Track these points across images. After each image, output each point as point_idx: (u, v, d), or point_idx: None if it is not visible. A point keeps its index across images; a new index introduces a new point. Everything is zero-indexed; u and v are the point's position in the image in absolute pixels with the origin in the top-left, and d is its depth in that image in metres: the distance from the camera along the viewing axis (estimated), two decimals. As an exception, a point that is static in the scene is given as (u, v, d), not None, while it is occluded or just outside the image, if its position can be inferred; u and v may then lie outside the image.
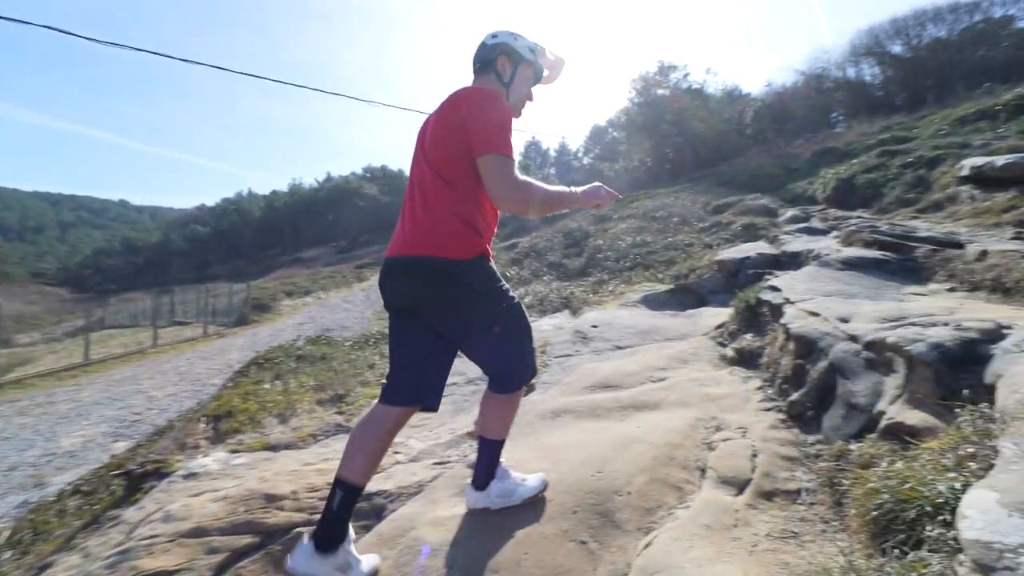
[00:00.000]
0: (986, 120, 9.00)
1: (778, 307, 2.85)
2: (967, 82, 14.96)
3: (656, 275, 5.99)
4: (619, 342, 3.45)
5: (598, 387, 2.64)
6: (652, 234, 8.41)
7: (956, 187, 5.64)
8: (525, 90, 1.53)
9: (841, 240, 4.40)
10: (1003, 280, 2.47)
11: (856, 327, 2.11)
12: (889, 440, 1.47)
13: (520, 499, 1.55)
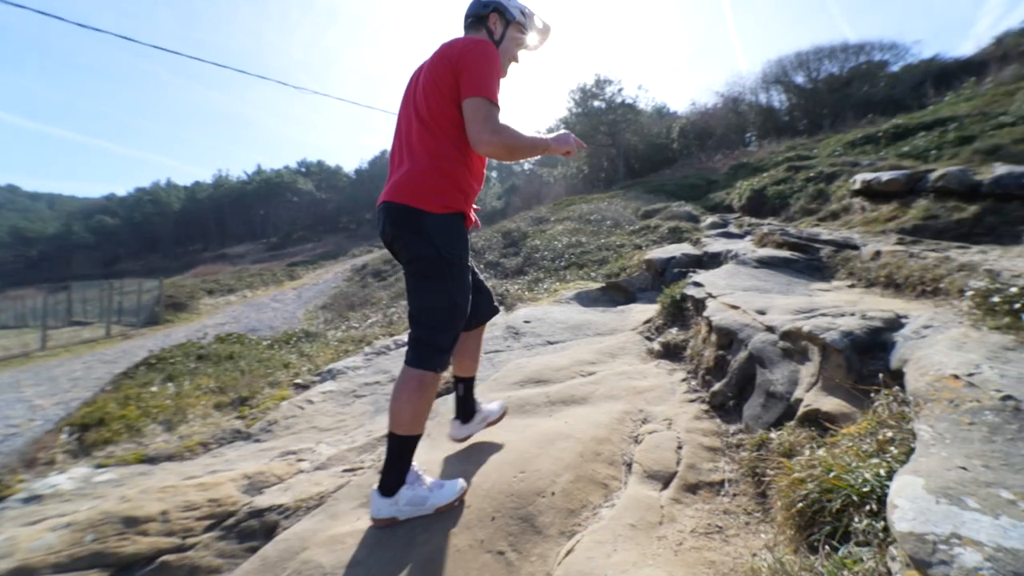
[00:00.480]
0: (870, 144, 10.04)
1: (701, 301, 2.87)
2: (855, 112, 16.74)
3: (589, 274, 6.02)
4: (551, 337, 3.34)
5: (527, 382, 2.50)
6: (587, 236, 8.51)
7: (850, 199, 6.17)
8: (513, 51, 1.51)
9: (755, 241, 4.63)
10: (894, 277, 2.63)
11: (772, 319, 2.13)
12: (807, 427, 1.44)
13: (432, 508, 1.38)
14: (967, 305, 1.57)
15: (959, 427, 0.94)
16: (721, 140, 22.88)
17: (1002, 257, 2.64)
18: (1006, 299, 1.37)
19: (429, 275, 1.36)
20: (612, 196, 14.11)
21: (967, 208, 4.16)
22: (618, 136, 22.15)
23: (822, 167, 8.32)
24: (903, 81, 17.78)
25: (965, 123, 8.18)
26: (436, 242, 1.33)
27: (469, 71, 1.28)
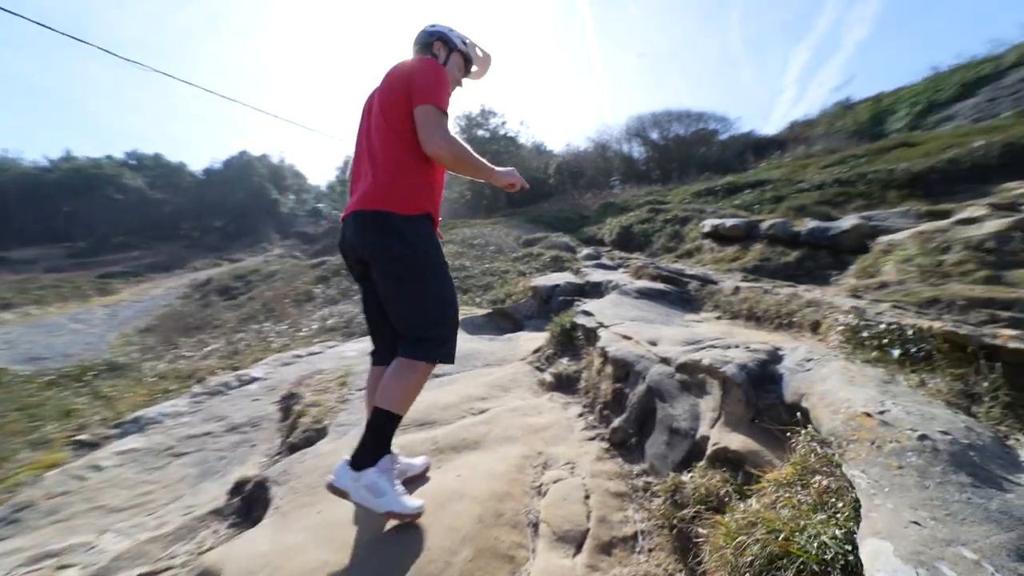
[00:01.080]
0: (711, 195, 11.88)
1: (592, 331, 2.84)
2: (697, 168, 19.87)
3: (474, 299, 5.83)
4: (436, 369, 3.01)
5: (411, 426, 2.15)
6: (471, 260, 8.39)
7: (701, 240, 7.08)
8: (455, 75, 1.63)
9: (632, 273, 4.95)
10: (755, 310, 2.92)
11: (666, 350, 2.14)
12: (719, 468, 1.38)
13: (384, 508, 1.30)
14: (837, 340, 1.71)
15: (891, 472, 0.90)
16: (591, 180, 25.23)
17: (825, 293, 3.12)
18: (874, 335, 1.51)
19: (408, 275, 1.41)
20: (494, 223, 14.37)
21: (791, 253, 5.00)
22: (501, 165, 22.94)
23: (677, 211, 9.52)
24: (730, 148, 21.67)
25: (777, 186, 10.17)
26: (409, 240, 1.38)
27: (420, 82, 1.38)
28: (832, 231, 4.72)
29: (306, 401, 2.46)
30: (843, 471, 0.96)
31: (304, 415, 2.31)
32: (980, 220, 3.43)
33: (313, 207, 37.49)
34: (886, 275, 3.53)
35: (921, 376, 1.29)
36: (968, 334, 1.24)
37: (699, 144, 24.36)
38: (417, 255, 1.40)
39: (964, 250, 3.18)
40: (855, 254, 4.41)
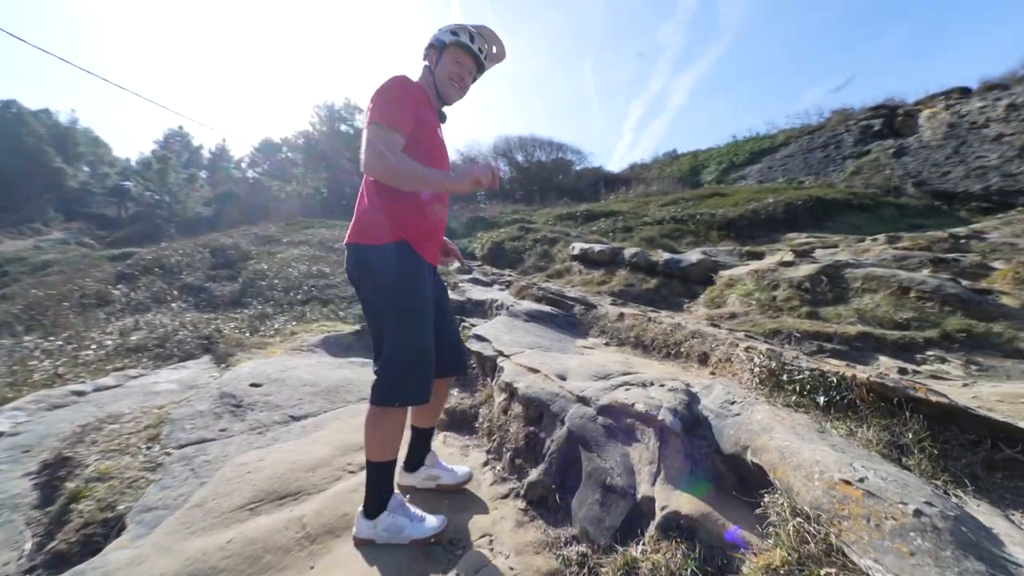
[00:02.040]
0: (572, 220, 12.77)
1: (491, 360, 2.56)
2: (556, 193, 21.37)
3: (338, 312, 5.07)
4: (296, 409, 2.38)
5: (263, 501, 1.56)
6: (331, 266, 7.42)
7: (570, 262, 7.41)
8: (450, 71, 1.52)
9: (514, 293, 4.83)
10: (642, 338, 2.99)
11: (579, 386, 1.96)
12: (673, 537, 1.20)
13: (408, 539, 1.38)
14: (753, 380, 1.72)
15: (906, 562, 0.79)
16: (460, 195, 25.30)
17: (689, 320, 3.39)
18: (794, 380, 1.53)
19: (378, 308, 1.43)
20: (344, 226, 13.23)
21: (651, 281, 5.47)
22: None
23: (545, 232, 9.92)
24: (584, 178, 23.86)
25: (627, 217, 11.39)
26: (375, 271, 1.39)
27: (370, 105, 1.35)
28: (683, 263, 5.30)
29: (89, 471, 1.64)
30: (855, 561, 0.83)
31: (84, 496, 1.52)
32: (796, 264, 4.16)
33: (118, 184, 29.74)
34: (732, 306, 4.01)
35: (849, 425, 1.32)
36: (894, 386, 1.32)
37: (558, 171, 26.35)
38: (386, 285, 1.39)
39: (789, 288, 3.77)
40: (702, 284, 4.99)
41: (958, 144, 10.50)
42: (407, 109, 1.36)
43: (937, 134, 11.10)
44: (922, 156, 11.10)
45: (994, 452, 1.13)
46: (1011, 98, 9.93)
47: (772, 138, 17.34)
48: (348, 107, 21.89)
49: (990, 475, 1.11)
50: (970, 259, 4.03)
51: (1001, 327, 2.75)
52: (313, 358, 3.38)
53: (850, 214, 8.93)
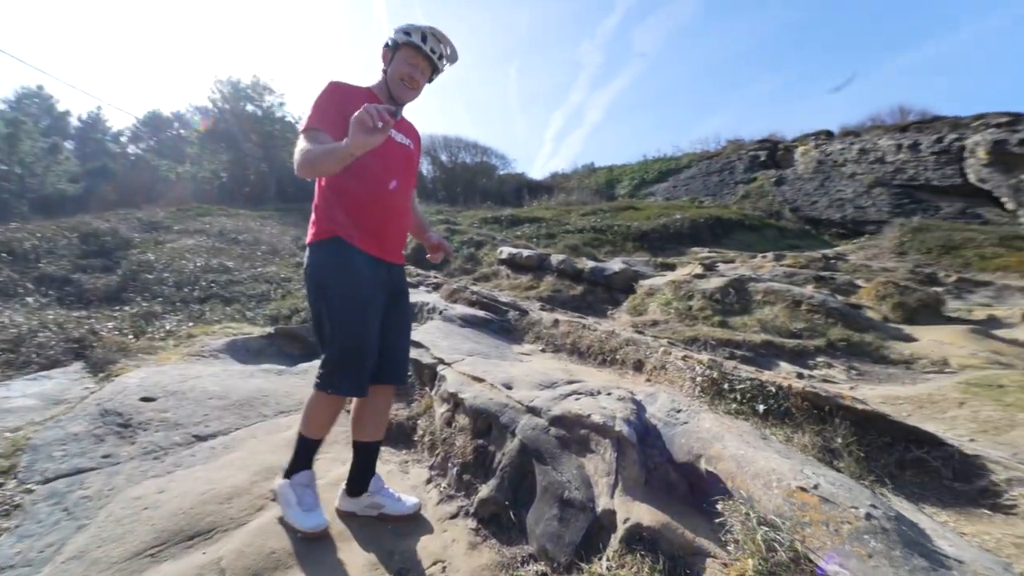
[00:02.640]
0: (497, 224, 12.82)
1: (431, 368, 2.43)
2: (480, 197, 21.37)
3: (244, 313, 4.54)
4: (201, 427, 2.05)
5: (167, 543, 1.30)
6: (234, 259, 6.65)
7: (497, 266, 7.41)
8: (401, 71, 1.52)
9: (445, 296, 4.68)
10: (578, 345, 3.04)
11: (527, 396, 1.92)
12: (638, 552, 1.19)
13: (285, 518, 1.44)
14: (695, 388, 1.80)
15: (865, 564, 0.85)
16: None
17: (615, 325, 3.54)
18: (735, 388, 1.62)
19: (313, 302, 1.48)
20: (265, 216, 12.06)
21: (577, 288, 5.64)
22: (274, 153, 19.71)
23: (472, 235, 9.83)
24: (507, 183, 24.14)
25: (550, 224, 11.71)
26: (311, 268, 1.45)
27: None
28: (607, 272, 5.54)
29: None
30: (825, 568, 0.87)
31: None
32: (707, 277, 4.54)
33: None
34: (653, 314, 4.26)
35: (786, 431, 1.42)
36: (825, 395, 1.45)
37: (482, 174, 26.39)
38: (315, 279, 1.45)
39: (702, 299, 4.10)
40: (624, 292, 5.26)
41: (824, 179, 12.29)
42: (329, 109, 1.39)
43: (808, 168, 12.91)
44: (797, 186, 12.81)
45: (905, 453, 1.29)
46: (862, 143, 11.86)
47: (677, 160, 18.95)
48: (257, 86, 19.88)
49: (902, 473, 1.27)
50: (841, 278, 4.71)
51: (871, 337, 3.23)
52: (218, 365, 2.96)
53: (742, 233, 10.01)
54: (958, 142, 10.07)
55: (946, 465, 1.22)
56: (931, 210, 9.92)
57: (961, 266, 5.63)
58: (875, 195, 11.07)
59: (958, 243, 6.05)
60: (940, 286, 4.91)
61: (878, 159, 11.43)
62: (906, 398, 2.08)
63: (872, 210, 10.84)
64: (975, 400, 1.84)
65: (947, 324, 3.58)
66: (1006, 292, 4.66)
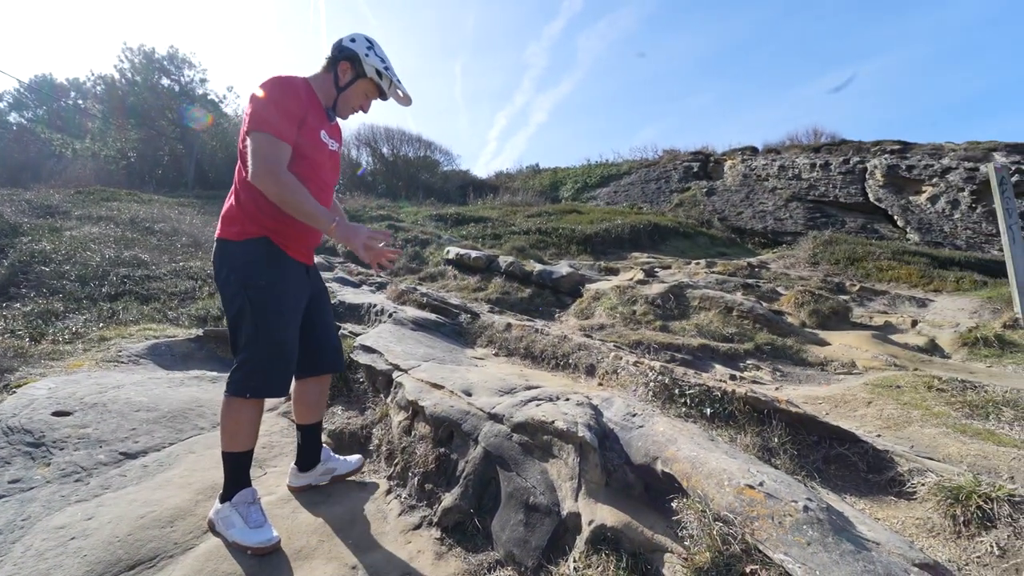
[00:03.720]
0: (442, 222, 12.69)
1: (386, 375, 2.39)
2: (424, 192, 21.01)
3: (166, 313, 4.16)
4: (130, 443, 1.88)
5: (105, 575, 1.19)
6: (150, 252, 6.07)
7: (444, 266, 7.35)
8: (356, 102, 1.60)
9: (393, 298, 4.58)
10: (531, 350, 3.12)
11: (488, 403, 1.97)
12: (604, 552, 1.28)
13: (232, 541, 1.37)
14: (647, 393, 1.93)
15: (806, 551, 0.98)
16: (314, 179, 23.05)
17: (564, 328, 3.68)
18: (684, 393, 1.77)
19: (232, 300, 1.44)
20: (184, 204, 11.07)
21: (525, 290, 5.75)
22: (194, 134, 18.12)
23: (416, 232, 9.67)
24: (451, 180, 23.94)
25: (495, 224, 11.78)
26: (234, 266, 1.42)
27: (251, 107, 1.36)
28: (555, 275, 5.70)
29: None
30: (770, 556, 1.00)
31: None
32: (649, 283, 4.82)
33: None
34: (600, 318, 4.46)
35: (730, 432, 1.57)
36: (764, 399, 1.61)
37: (425, 169, 25.94)
38: (239, 279, 1.42)
39: (645, 304, 4.35)
40: (571, 296, 5.44)
41: (748, 191, 13.40)
42: (293, 118, 1.40)
43: (735, 181, 14.00)
44: (725, 197, 13.86)
45: (830, 450, 1.48)
46: (782, 160, 13.07)
47: (618, 166, 19.79)
48: (175, 58, 18.12)
49: (827, 468, 1.46)
50: (765, 286, 5.19)
51: (792, 341, 3.60)
52: (141, 372, 2.71)
53: (677, 239, 10.68)
54: (860, 164, 11.41)
55: (862, 459, 1.42)
56: (838, 224, 11.14)
57: (863, 276, 6.42)
58: (792, 209, 12.23)
59: (861, 256, 6.88)
60: (846, 294, 5.56)
61: (795, 175, 12.64)
62: (824, 398, 2.36)
63: (789, 222, 11.98)
64: (879, 400, 2.14)
65: (853, 330, 4.08)
66: (898, 300, 5.39)
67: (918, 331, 3.90)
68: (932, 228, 9.90)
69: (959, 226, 9.53)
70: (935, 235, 9.80)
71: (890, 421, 1.89)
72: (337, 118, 1.63)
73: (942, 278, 5.80)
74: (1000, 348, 3.35)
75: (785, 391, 2.74)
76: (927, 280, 5.88)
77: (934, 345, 3.63)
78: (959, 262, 6.56)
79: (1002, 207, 3.53)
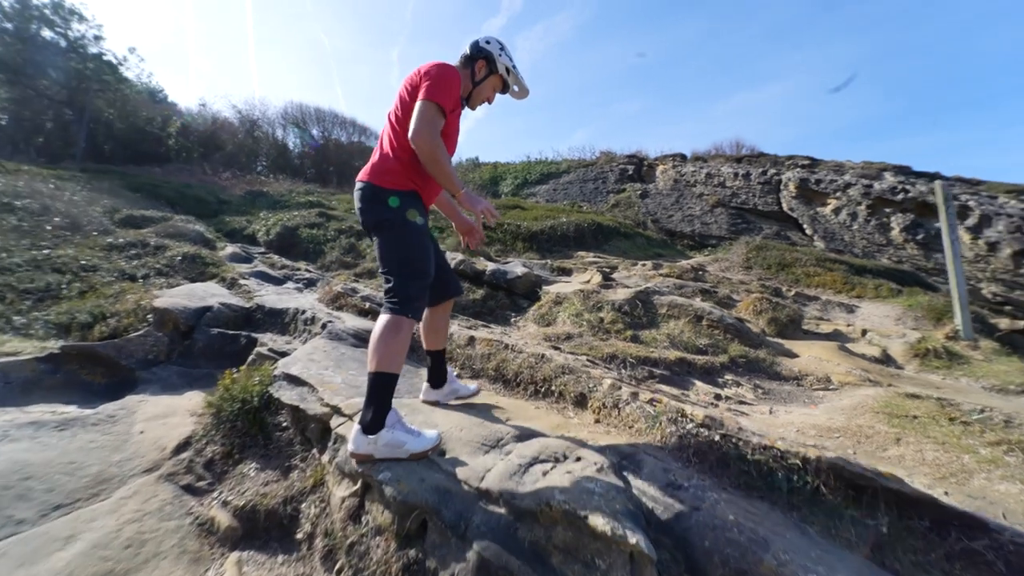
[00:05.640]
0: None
1: (321, 422, 1.70)
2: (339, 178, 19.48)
3: (10, 318, 3.03)
4: None
5: None
6: (3, 235, 4.63)
7: (384, 261, 6.50)
8: (487, 94, 1.82)
9: (327, 301, 3.75)
10: (503, 371, 2.54)
11: (475, 469, 1.37)
12: None
13: (407, 453, 1.43)
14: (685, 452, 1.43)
15: None
16: (231, 158, 20.48)
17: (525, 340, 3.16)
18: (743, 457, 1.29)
19: (389, 237, 1.59)
20: (64, 177, 9.03)
21: (477, 291, 5.13)
22: (86, 98, 15.16)
23: (352, 222, 8.62)
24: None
25: (439, 217, 10.99)
26: (399, 208, 1.58)
27: (429, 81, 1.54)
28: (510, 275, 5.14)
29: None
30: None
31: None
32: (614, 288, 4.43)
33: None
34: (564, 325, 3.98)
35: (821, 519, 1.13)
36: (860, 471, 1.18)
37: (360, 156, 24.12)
38: (396, 219, 1.58)
39: (612, 311, 3.94)
40: (527, 299, 4.92)
41: (679, 196, 13.74)
42: (454, 101, 1.59)
43: (667, 185, 14.32)
44: (658, 200, 14.12)
45: (954, 542, 1.08)
46: (708, 168, 13.52)
47: (557, 164, 19.62)
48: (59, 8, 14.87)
49: (952, 568, 1.05)
50: (722, 291, 5.03)
51: (764, 353, 3.36)
52: (-66, 421, 1.75)
53: (619, 239, 10.59)
54: (776, 176, 12.05)
55: (999, 556, 1.04)
56: (756, 230, 11.68)
57: (793, 282, 6.60)
58: (717, 214, 12.68)
59: (789, 262, 7.09)
60: (784, 299, 5.60)
61: (720, 183, 13.12)
62: (838, 430, 2.05)
63: (715, 227, 12.40)
64: (907, 436, 1.84)
65: (807, 339, 3.98)
66: (829, 306, 5.52)
67: (868, 340, 3.87)
68: (835, 237, 10.62)
69: (857, 236, 10.31)
70: (838, 243, 10.52)
71: (943, 469, 1.57)
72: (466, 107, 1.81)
73: (862, 285, 6.06)
74: (949, 360, 3.34)
75: (781, 417, 2.42)
76: (850, 287, 6.11)
77: (887, 356, 3.58)
78: (871, 270, 6.96)
79: (946, 223, 3.55)
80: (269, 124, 24.67)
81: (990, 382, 2.98)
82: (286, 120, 23.55)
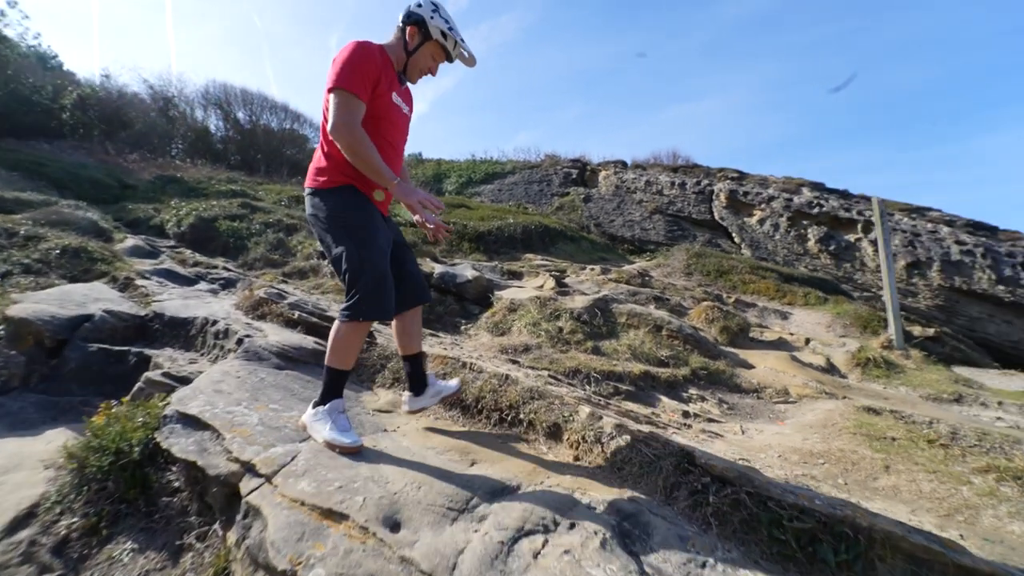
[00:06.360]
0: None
1: (227, 484, 1.25)
2: (289, 169, 17.98)
3: None
4: None
5: None
6: None
7: (318, 259, 5.83)
8: (425, 64, 1.65)
9: (246, 307, 3.14)
10: (461, 394, 2.18)
11: (437, 554, 1.02)
12: None
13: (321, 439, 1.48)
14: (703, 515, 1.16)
15: None
16: (141, 137, 18.00)
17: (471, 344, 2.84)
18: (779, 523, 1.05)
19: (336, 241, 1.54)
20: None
21: (425, 295, 4.70)
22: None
23: (280, 216, 7.73)
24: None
25: (378, 213, 10.29)
26: (331, 211, 1.53)
27: (333, 67, 1.44)
28: (459, 279, 4.76)
29: None
30: None
31: None
32: (571, 295, 4.21)
33: None
34: (520, 335, 3.68)
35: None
36: (925, 546, 0.97)
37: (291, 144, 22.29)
38: (331, 217, 1.54)
39: (571, 320, 3.71)
40: (477, 304, 4.57)
41: (620, 201, 14.03)
42: (368, 78, 1.45)
43: (609, 191, 14.58)
44: (600, 205, 14.33)
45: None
46: (647, 176, 13.95)
47: (503, 165, 19.39)
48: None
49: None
50: (673, 299, 5.01)
51: (723, 365, 3.29)
52: None
53: (564, 243, 10.53)
54: (709, 186, 12.64)
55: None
56: (691, 238, 12.17)
57: (731, 288, 6.84)
58: (655, 221, 13.08)
59: (727, 269, 7.35)
60: (725, 305, 5.74)
61: (658, 191, 13.56)
62: (821, 455, 1.93)
63: (653, 233, 12.77)
64: (894, 462, 1.75)
65: (758, 348, 4.02)
66: (766, 312, 5.74)
67: (812, 349, 3.97)
68: (760, 246, 11.30)
69: (779, 245, 11.03)
70: (762, 252, 11.20)
71: (945, 504, 1.46)
72: (408, 83, 1.68)
73: (793, 292, 6.39)
74: (887, 369, 3.47)
75: (755, 437, 2.29)
76: (782, 294, 6.42)
77: (831, 365, 3.68)
78: (797, 278, 7.40)
79: (882, 236, 3.72)
80: (187, 103, 22.06)
81: (926, 391, 3.12)
82: (208, 100, 21.21)
